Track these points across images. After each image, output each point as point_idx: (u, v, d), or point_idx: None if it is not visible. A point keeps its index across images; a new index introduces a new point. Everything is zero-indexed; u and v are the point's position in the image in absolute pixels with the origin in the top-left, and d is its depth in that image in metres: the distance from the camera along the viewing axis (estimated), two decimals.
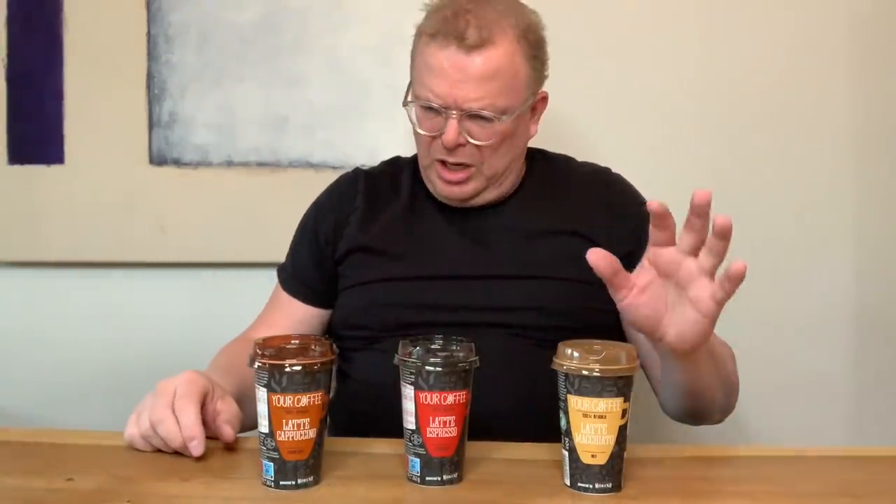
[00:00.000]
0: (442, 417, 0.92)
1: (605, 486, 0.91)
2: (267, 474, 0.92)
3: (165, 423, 1.00)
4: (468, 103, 1.20)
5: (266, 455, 0.92)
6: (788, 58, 1.70)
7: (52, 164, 1.68)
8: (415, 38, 1.27)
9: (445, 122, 1.21)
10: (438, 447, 0.92)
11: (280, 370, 0.90)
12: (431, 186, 1.30)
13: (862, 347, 1.74)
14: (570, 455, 0.92)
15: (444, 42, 1.20)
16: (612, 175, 1.36)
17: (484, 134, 1.22)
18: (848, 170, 1.72)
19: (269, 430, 0.91)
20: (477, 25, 1.19)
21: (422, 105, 1.23)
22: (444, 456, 0.93)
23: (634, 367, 0.92)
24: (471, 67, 1.19)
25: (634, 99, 1.69)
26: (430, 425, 0.92)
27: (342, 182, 1.40)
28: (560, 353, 0.92)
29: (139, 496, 0.91)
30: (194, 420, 0.99)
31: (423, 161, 1.29)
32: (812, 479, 1.01)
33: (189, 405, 1.00)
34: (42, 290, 1.73)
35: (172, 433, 0.99)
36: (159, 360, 1.72)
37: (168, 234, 1.69)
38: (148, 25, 1.66)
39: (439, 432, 0.92)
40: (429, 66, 1.22)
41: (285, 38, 1.67)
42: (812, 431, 1.71)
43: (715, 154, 1.71)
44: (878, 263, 1.73)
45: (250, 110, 1.68)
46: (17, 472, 0.98)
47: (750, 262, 1.70)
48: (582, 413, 0.90)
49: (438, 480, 0.93)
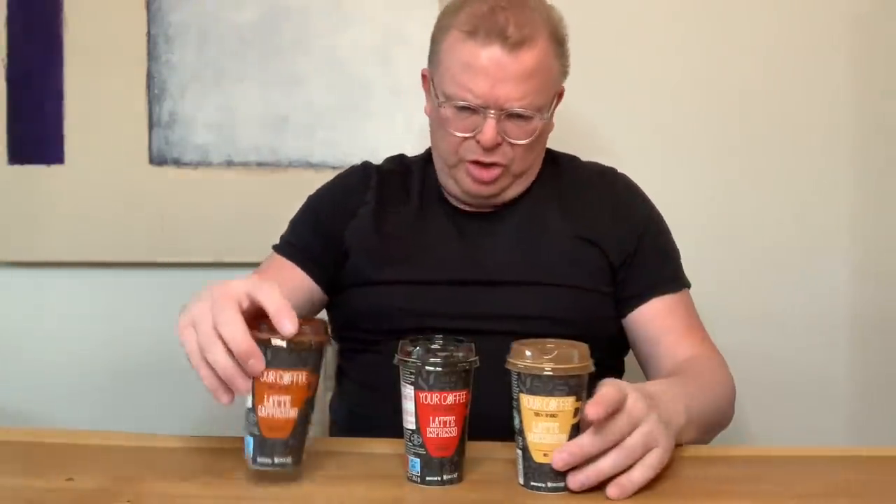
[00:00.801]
0: (442, 417, 0.92)
1: (557, 485, 0.91)
2: (247, 449, 0.92)
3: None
4: (510, 102, 1.18)
5: (248, 430, 0.93)
6: (787, 58, 1.70)
7: (52, 164, 1.68)
8: (439, 35, 1.24)
9: (483, 122, 1.19)
10: (438, 447, 0.92)
11: (266, 345, 0.89)
12: (455, 185, 1.28)
13: (861, 348, 1.74)
14: (524, 454, 0.92)
15: (485, 39, 1.17)
16: (617, 176, 1.36)
17: (521, 132, 1.20)
18: (847, 170, 1.72)
19: (252, 405, 0.92)
20: (517, 23, 1.16)
21: (457, 105, 1.20)
22: (444, 456, 0.93)
23: (586, 367, 0.91)
24: (513, 66, 1.17)
25: (633, 99, 1.69)
26: (430, 425, 0.92)
27: (353, 173, 1.38)
28: (514, 353, 0.92)
29: (139, 496, 0.91)
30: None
31: (450, 160, 1.26)
32: (812, 479, 1.00)
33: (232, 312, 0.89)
34: (42, 290, 1.73)
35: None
36: (159, 360, 1.72)
37: (168, 234, 1.69)
38: (148, 25, 1.66)
39: (439, 432, 0.92)
40: (467, 64, 1.18)
41: (285, 38, 1.67)
42: (812, 431, 1.71)
43: (714, 155, 1.71)
44: (878, 264, 1.73)
45: (250, 110, 1.68)
46: (17, 472, 0.98)
47: (750, 263, 1.72)
48: (534, 412, 0.90)
49: (438, 480, 0.93)
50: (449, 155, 1.25)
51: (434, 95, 1.24)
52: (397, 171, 1.37)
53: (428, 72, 1.28)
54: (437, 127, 1.25)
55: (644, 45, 1.69)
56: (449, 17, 1.22)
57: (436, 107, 1.24)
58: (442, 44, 1.22)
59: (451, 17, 1.22)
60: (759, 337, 1.69)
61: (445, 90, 1.21)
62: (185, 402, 1.73)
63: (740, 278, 1.68)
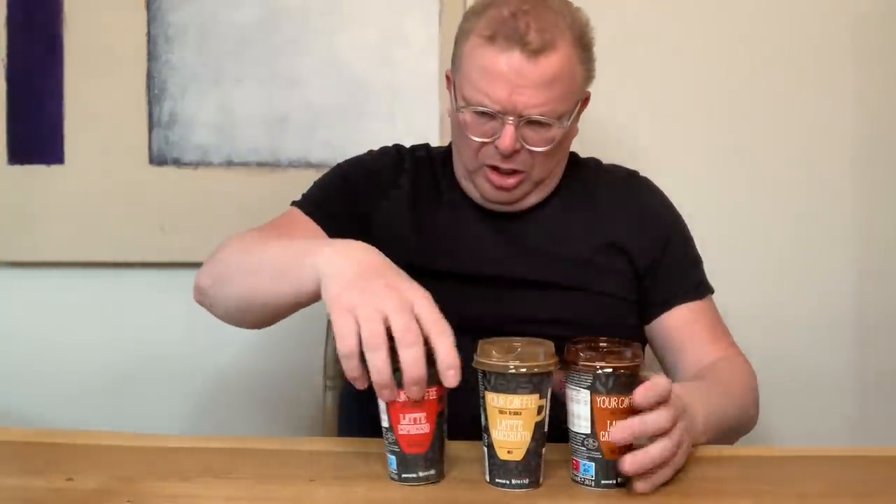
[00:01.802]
0: (412, 414, 0.92)
1: (521, 482, 0.92)
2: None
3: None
4: (528, 109, 1.16)
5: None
6: (790, 60, 1.70)
7: (52, 164, 1.68)
8: (461, 39, 1.22)
9: (501, 128, 1.17)
10: (411, 444, 0.92)
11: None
12: (475, 190, 1.27)
13: (862, 348, 1.74)
14: (489, 451, 0.93)
15: (504, 45, 1.14)
16: (640, 180, 1.35)
17: (540, 139, 1.18)
18: (849, 170, 1.72)
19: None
20: (538, 28, 1.14)
21: (476, 110, 1.19)
22: (418, 452, 0.93)
23: (551, 365, 0.92)
24: (533, 73, 1.14)
25: (637, 103, 1.69)
26: (401, 422, 0.92)
27: (387, 154, 1.35)
28: (480, 351, 0.92)
29: (139, 496, 0.91)
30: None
31: (470, 165, 1.24)
32: (812, 479, 1.00)
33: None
34: (42, 290, 1.73)
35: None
36: (159, 360, 1.72)
37: (168, 234, 1.69)
38: (148, 25, 1.66)
39: (410, 429, 0.92)
40: (485, 69, 1.16)
41: (285, 38, 1.67)
42: (812, 431, 1.71)
43: (717, 155, 1.71)
44: (880, 264, 1.73)
45: (250, 110, 1.68)
46: (17, 472, 0.98)
47: (752, 263, 1.72)
48: (498, 409, 0.91)
49: (415, 477, 0.93)
50: (469, 159, 1.24)
51: (455, 99, 1.23)
52: (426, 160, 1.35)
53: (451, 74, 1.27)
54: (457, 130, 1.24)
55: (644, 47, 1.69)
56: (471, 21, 1.21)
57: (456, 111, 1.22)
58: (463, 48, 1.21)
59: (473, 21, 1.20)
60: (762, 337, 1.68)
61: (465, 94, 1.20)
62: (184, 402, 1.73)
63: (743, 279, 1.68)
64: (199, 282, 1.17)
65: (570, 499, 0.92)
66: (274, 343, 1.73)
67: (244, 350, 1.73)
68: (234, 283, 1.10)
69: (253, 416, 1.72)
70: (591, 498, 0.92)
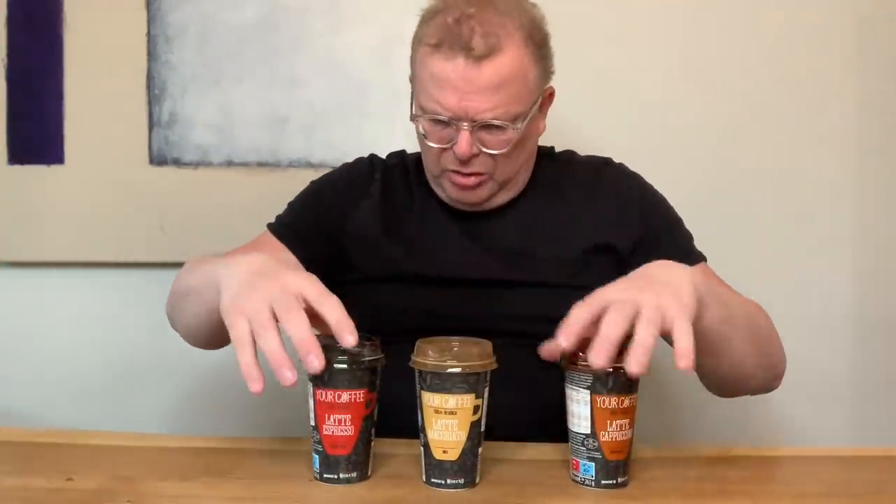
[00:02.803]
0: (337, 416, 0.92)
1: (456, 482, 0.92)
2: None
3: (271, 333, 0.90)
4: (480, 114, 1.15)
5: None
6: (790, 59, 1.70)
7: (52, 164, 1.68)
8: (413, 47, 1.23)
9: (457, 134, 1.17)
10: (333, 445, 0.93)
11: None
12: (443, 193, 1.27)
13: (862, 348, 1.74)
14: (424, 451, 0.93)
15: (449, 53, 1.14)
16: (615, 167, 1.34)
17: (497, 142, 1.18)
18: (848, 170, 1.72)
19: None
20: (483, 33, 1.13)
21: (430, 118, 1.19)
22: (339, 454, 0.93)
23: (487, 365, 0.92)
24: (480, 78, 1.14)
25: (634, 99, 1.69)
26: (325, 423, 0.93)
27: (359, 164, 1.37)
28: (417, 350, 0.93)
29: (139, 496, 0.91)
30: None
31: (434, 170, 1.25)
32: (812, 479, 1.00)
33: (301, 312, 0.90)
34: (42, 290, 1.73)
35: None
36: (159, 360, 1.72)
37: (168, 234, 1.69)
38: (148, 25, 1.66)
39: (334, 430, 0.93)
40: (434, 78, 1.16)
41: (284, 39, 1.67)
42: (812, 431, 1.71)
43: (716, 156, 1.71)
44: (879, 264, 1.73)
45: (250, 110, 1.68)
46: (17, 472, 0.98)
47: (751, 263, 1.72)
48: (433, 409, 0.91)
49: (335, 479, 0.94)
50: (432, 164, 1.25)
51: (412, 108, 1.24)
52: (399, 167, 1.36)
53: (410, 80, 1.27)
54: (418, 137, 1.25)
55: (642, 45, 1.69)
56: (420, 28, 1.21)
57: (412, 118, 1.23)
58: (416, 56, 1.22)
59: (422, 28, 1.20)
60: None
61: (420, 102, 1.21)
62: (184, 402, 1.73)
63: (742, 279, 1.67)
64: (165, 308, 1.25)
65: (570, 498, 0.92)
66: None
67: None
68: (177, 310, 1.19)
69: (253, 415, 1.72)
70: (591, 498, 0.92)
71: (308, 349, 0.88)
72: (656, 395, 1.64)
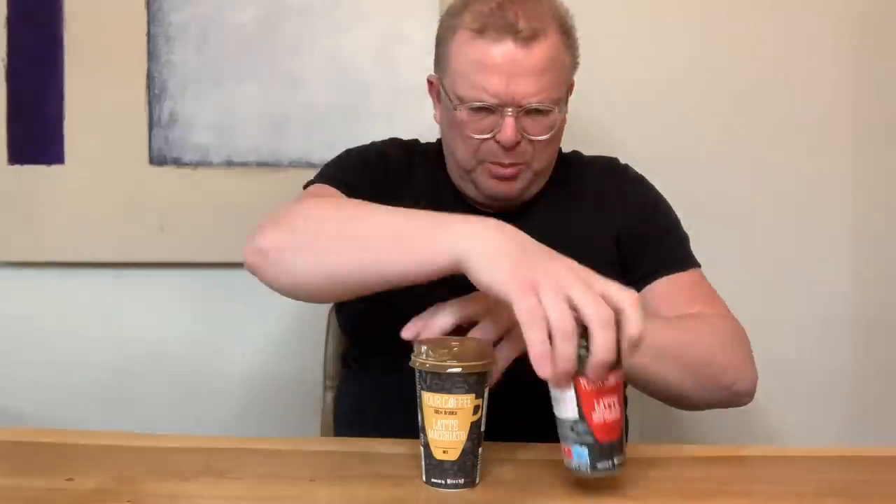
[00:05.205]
0: (606, 399, 0.90)
1: (456, 482, 0.92)
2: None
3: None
4: (527, 98, 1.15)
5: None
6: (788, 58, 1.70)
7: (52, 164, 1.68)
8: (446, 37, 1.21)
9: (501, 121, 1.16)
10: (606, 430, 0.91)
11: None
12: (475, 189, 1.25)
13: (862, 348, 1.74)
14: (425, 451, 0.93)
15: (496, 36, 1.14)
16: (621, 167, 1.35)
17: (540, 128, 1.18)
18: (848, 170, 1.72)
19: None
20: (527, 17, 1.14)
21: (472, 107, 1.17)
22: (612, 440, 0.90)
23: (487, 364, 0.91)
24: (528, 61, 1.14)
25: (633, 98, 1.69)
26: (594, 409, 0.90)
27: (397, 146, 1.33)
28: (416, 350, 0.92)
29: (139, 496, 0.91)
30: None
31: (468, 164, 1.22)
32: (812, 479, 1.00)
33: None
34: (42, 290, 1.73)
35: None
36: (159, 360, 1.72)
37: (168, 234, 1.69)
38: (148, 25, 1.66)
39: (605, 415, 0.89)
40: (479, 63, 1.15)
41: (285, 38, 1.67)
42: (812, 431, 1.71)
43: (715, 155, 1.71)
44: (878, 264, 1.73)
45: (250, 110, 1.68)
46: (18, 473, 0.98)
47: (750, 264, 1.72)
48: (434, 409, 0.91)
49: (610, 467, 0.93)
50: (466, 158, 1.22)
51: (447, 100, 1.21)
52: (431, 157, 1.33)
53: (435, 77, 1.26)
54: (452, 132, 1.22)
55: (642, 44, 1.69)
56: (453, 18, 1.20)
57: (450, 111, 1.20)
58: (449, 45, 1.20)
59: (456, 18, 1.19)
60: (760, 338, 1.67)
61: (458, 92, 1.18)
62: (185, 402, 1.73)
63: (741, 279, 1.68)
64: (263, 243, 1.03)
65: (571, 499, 0.92)
66: (274, 343, 1.73)
67: (244, 350, 1.73)
68: (326, 251, 0.99)
69: (253, 415, 1.72)
70: (591, 498, 0.92)
71: (604, 366, 0.83)
72: None
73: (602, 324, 0.82)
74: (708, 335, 1.15)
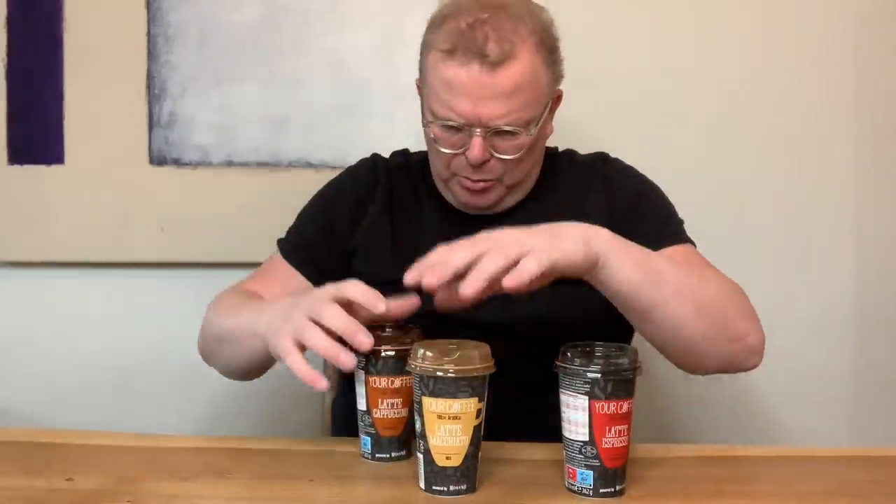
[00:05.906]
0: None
1: (459, 489, 0.91)
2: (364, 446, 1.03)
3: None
4: (494, 120, 1.15)
5: (363, 430, 1.03)
6: (789, 58, 1.70)
7: (52, 164, 1.68)
8: (423, 52, 1.22)
9: (469, 139, 1.17)
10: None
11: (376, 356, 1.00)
12: (451, 197, 1.27)
13: (862, 348, 1.74)
14: (425, 457, 0.92)
15: (463, 59, 1.13)
16: (609, 161, 1.34)
17: (510, 147, 1.18)
18: (848, 169, 1.72)
19: (367, 408, 1.02)
20: (497, 39, 1.13)
21: (442, 124, 1.18)
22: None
23: (488, 367, 0.92)
24: (495, 84, 1.13)
25: (634, 98, 1.69)
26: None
27: (363, 167, 1.36)
28: (414, 355, 0.92)
29: (139, 496, 0.91)
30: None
31: (443, 175, 1.25)
32: (812, 479, 1.00)
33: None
34: (42, 290, 1.73)
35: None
36: (159, 360, 1.72)
37: (168, 234, 1.69)
38: (148, 25, 1.66)
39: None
40: (448, 83, 1.15)
41: (285, 39, 1.67)
42: (812, 431, 1.71)
43: (715, 155, 1.71)
44: (879, 264, 1.73)
45: (250, 110, 1.68)
46: (17, 472, 0.98)
47: (750, 263, 1.72)
48: (437, 415, 0.90)
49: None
50: (442, 169, 1.24)
51: (423, 112, 1.23)
52: (403, 168, 1.35)
53: (419, 84, 1.26)
54: (428, 143, 1.24)
55: (643, 43, 1.69)
56: (431, 33, 1.20)
57: (425, 124, 1.22)
58: (427, 60, 1.21)
59: (433, 33, 1.19)
60: None
61: (432, 108, 1.20)
62: (185, 402, 1.73)
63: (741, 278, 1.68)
64: (198, 347, 1.27)
65: (570, 499, 0.92)
66: None
67: None
68: (215, 352, 1.22)
69: (253, 416, 1.72)
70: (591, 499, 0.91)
71: (354, 330, 0.95)
72: (655, 396, 1.65)
73: (325, 313, 0.97)
74: (719, 286, 1.13)
